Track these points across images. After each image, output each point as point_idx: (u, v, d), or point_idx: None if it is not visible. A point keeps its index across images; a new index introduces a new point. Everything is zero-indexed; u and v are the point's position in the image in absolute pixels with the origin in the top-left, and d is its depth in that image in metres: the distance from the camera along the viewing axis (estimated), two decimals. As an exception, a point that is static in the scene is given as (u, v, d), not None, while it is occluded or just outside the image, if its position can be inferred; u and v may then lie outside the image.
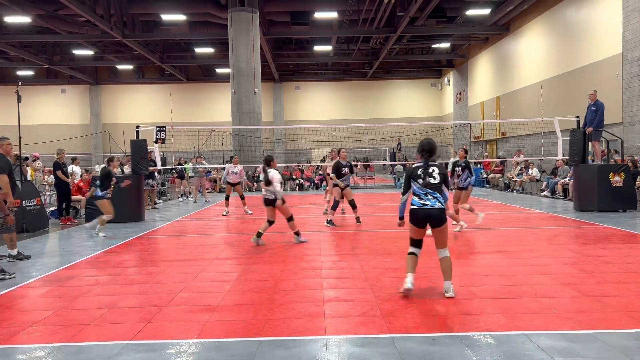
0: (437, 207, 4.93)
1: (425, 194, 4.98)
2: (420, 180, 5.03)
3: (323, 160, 25.88)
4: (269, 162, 8.18)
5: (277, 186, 7.98)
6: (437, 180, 5.00)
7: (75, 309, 4.97)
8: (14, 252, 7.56)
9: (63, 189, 12.22)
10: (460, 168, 9.68)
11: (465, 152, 10.17)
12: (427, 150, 5.14)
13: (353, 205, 10.77)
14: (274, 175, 8.00)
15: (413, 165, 5.19)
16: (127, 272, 6.60)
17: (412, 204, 5.04)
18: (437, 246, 5.14)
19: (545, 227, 9.76)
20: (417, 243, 5.14)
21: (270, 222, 8.25)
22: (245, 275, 6.20)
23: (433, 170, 5.03)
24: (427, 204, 4.94)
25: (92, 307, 5.00)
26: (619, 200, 11.65)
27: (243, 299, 5.18)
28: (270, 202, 8.12)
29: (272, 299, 5.11)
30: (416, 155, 5.30)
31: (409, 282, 4.99)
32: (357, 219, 10.75)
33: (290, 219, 8.28)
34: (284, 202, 8.14)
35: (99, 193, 9.80)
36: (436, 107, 37.82)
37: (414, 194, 5.04)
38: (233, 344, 3.95)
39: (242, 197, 13.40)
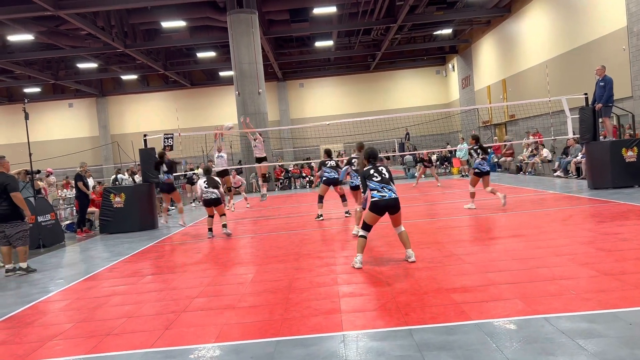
0: (393, 197, 6.07)
1: (382, 188, 6.08)
2: (374, 178, 6.14)
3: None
4: (209, 171, 10.05)
5: (222, 190, 10.04)
6: (387, 176, 6.19)
7: (95, 320, 5.01)
8: (25, 265, 7.82)
9: (84, 200, 12.37)
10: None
11: (472, 137, 10.79)
12: (373, 157, 6.37)
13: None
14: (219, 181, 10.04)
15: (365, 169, 6.31)
16: (143, 281, 6.64)
17: (372, 197, 6.08)
18: (394, 225, 6.29)
19: (560, 208, 9.65)
20: (369, 228, 6.18)
21: (212, 216, 10.05)
22: (260, 276, 6.21)
23: (382, 169, 6.21)
24: (385, 195, 6.04)
25: (111, 318, 5.04)
26: (634, 175, 11.46)
27: (259, 300, 5.19)
28: (211, 203, 9.75)
29: (288, 298, 5.11)
30: (364, 161, 6.46)
31: (358, 261, 6.11)
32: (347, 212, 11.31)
33: (224, 214, 9.96)
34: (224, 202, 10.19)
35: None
36: (442, 94, 37.55)
37: (372, 189, 6.11)
38: (251, 345, 3.95)
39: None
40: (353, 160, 9.03)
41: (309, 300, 4.97)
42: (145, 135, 13.26)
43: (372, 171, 6.21)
